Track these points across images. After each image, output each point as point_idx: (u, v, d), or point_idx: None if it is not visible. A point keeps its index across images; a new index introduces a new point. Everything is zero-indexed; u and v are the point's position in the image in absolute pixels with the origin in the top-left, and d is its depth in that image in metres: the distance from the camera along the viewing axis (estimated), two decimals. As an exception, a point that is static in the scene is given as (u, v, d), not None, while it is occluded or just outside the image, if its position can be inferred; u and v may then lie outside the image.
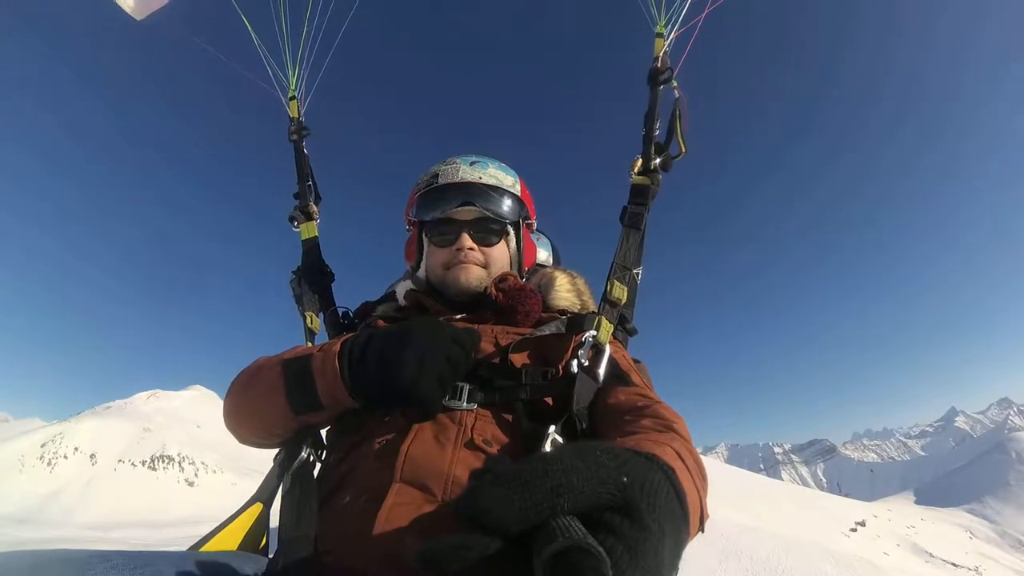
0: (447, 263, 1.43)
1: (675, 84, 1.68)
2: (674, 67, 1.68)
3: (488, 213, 1.43)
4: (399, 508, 0.93)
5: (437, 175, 1.47)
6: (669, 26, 1.74)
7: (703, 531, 0.80)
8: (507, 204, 1.47)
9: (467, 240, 1.42)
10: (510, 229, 1.50)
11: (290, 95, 2.05)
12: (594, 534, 0.44)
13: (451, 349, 1.06)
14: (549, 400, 1.16)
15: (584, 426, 1.09)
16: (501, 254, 1.48)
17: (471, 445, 1.05)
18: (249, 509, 1.17)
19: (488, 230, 1.46)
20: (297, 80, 2.06)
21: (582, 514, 0.47)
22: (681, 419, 1.00)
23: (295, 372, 1.11)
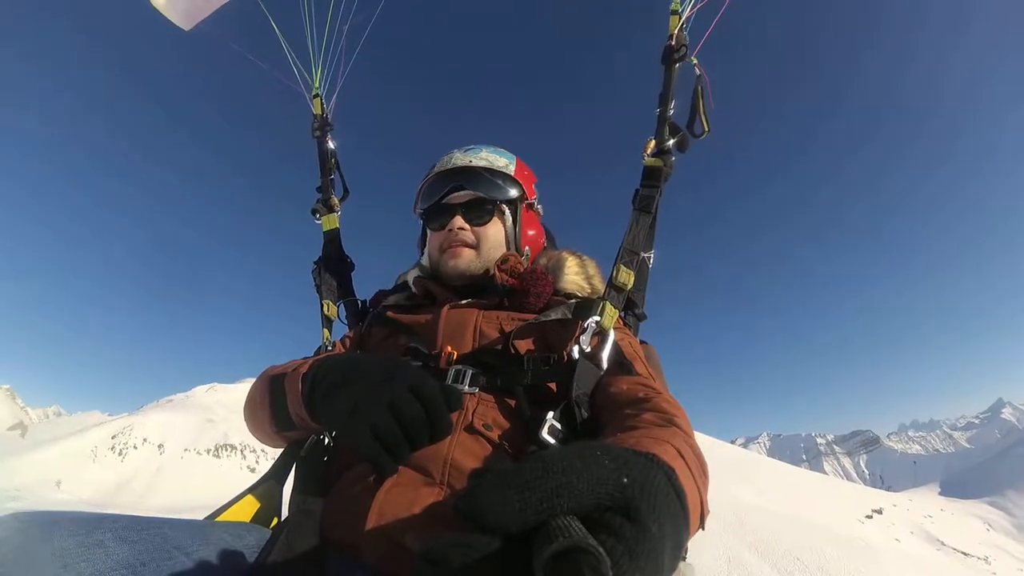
0: (441, 245, 1.47)
1: (695, 62, 1.65)
2: (693, 45, 1.65)
3: (479, 194, 1.47)
4: (397, 489, 0.95)
5: (434, 167, 1.55)
6: (684, 3, 1.70)
7: (703, 528, 0.78)
8: (498, 184, 1.50)
9: (458, 221, 1.45)
10: (505, 208, 1.52)
11: (314, 93, 2.06)
12: (594, 535, 0.44)
13: (400, 400, 0.82)
14: (552, 386, 1.16)
15: (585, 413, 1.06)
16: (494, 233, 1.49)
17: (471, 429, 1.05)
18: (262, 487, 1.21)
19: (480, 210, 1.48)
20: (321, 78, 2.06)
21: (582, 515, 0.47)
22: (683, 411, 0.97)
23: (274, 390, 1.12)
